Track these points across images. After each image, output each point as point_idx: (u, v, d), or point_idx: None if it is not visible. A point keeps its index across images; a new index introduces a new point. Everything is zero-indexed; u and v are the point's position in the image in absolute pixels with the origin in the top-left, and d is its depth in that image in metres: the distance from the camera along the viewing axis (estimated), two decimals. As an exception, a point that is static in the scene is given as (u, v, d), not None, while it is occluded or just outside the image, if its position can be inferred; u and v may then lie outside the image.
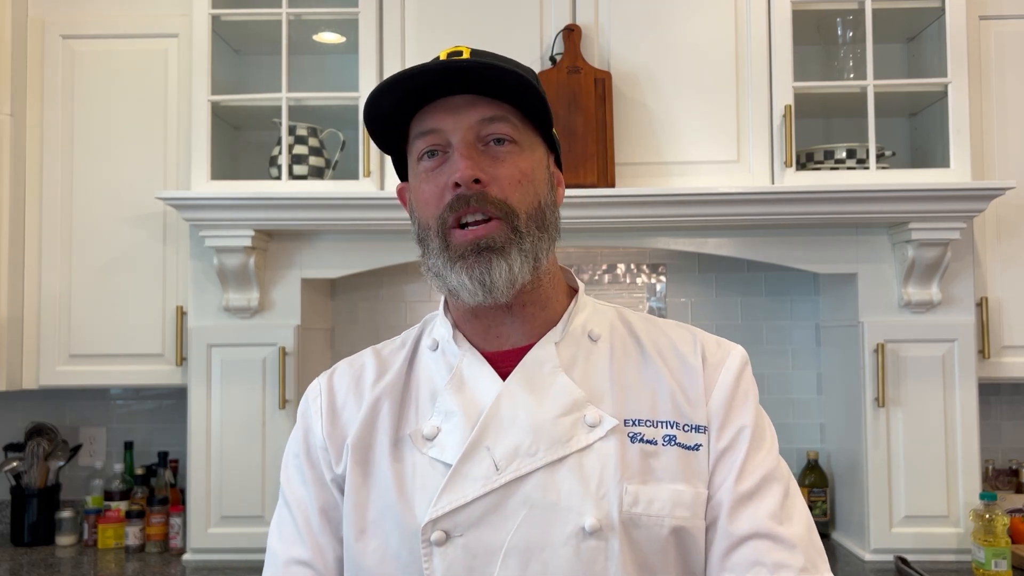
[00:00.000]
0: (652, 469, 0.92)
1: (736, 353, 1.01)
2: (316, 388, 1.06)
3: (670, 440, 0.93)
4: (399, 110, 0.96)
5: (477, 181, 0.91)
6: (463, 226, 0.92)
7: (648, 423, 0.94)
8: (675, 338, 1.02)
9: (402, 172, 1.04)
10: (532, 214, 0.94)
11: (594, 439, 0.92)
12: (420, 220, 0.97)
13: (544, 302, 0.99)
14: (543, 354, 0.96)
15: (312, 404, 1.04)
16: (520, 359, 0.97)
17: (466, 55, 0.94)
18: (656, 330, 1.03)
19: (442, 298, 1.05)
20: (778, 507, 0.92)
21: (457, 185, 0.91)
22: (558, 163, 1.04)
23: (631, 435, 0.93)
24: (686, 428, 0.94)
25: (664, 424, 0.94)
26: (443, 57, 0.95)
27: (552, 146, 1.02)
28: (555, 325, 0.99)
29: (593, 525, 0.88)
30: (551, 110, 0.99)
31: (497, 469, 0.90)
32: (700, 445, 0.94)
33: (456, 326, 1.01)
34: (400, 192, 1.06)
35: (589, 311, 1.02)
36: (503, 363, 0.97)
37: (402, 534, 0.92)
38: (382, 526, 0.94)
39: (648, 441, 0.93)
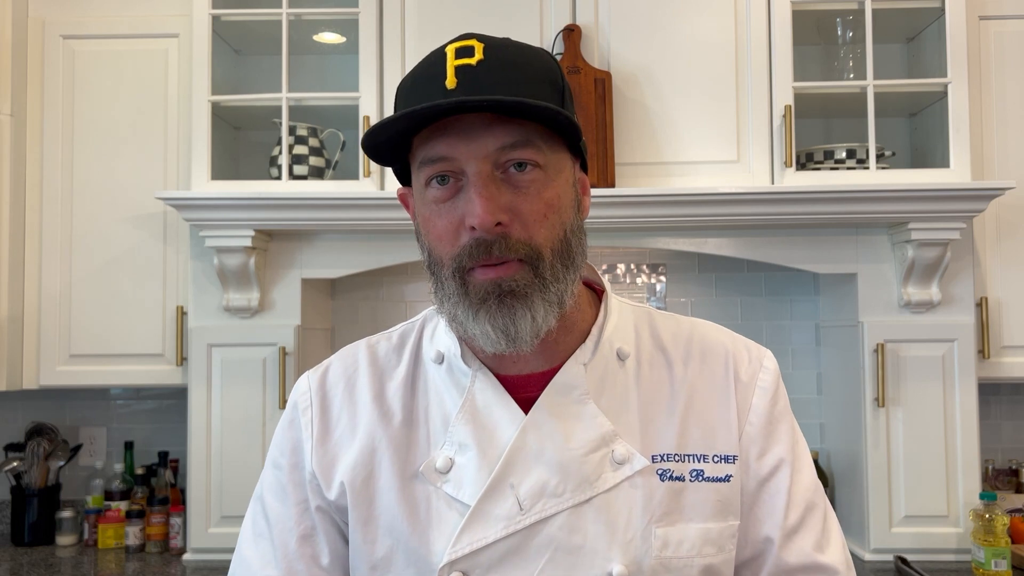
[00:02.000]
0: (681, 508, 0.88)
1: (768, 366, 0.96)
2: (306, 396, 0.97)
3: (698, 475, 0.89)
4: (403, 132, 0.85)
5: (499, 224, 0.81)
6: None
7: (676, 458, 0.89)
8: (706, 350, 0.95)
9: (404, 179, 0.94)
10: (557, 251, 0.85)
11: (621, 478, 0.87)
12: (431, 251, 0.87)
13: (569, 327, 0.91)
14: (571, 379, 0.89)
15: (302, 416, 0.96)
16: (541, 384, 0.89)
17: (478, 52, 0.82)
18: (686, 338, 0.96)
19: None
20: (820, 534, 0.92)
21: (475, 228, 0.81)
22: (583, 166, 0.94)
23: (660, 472, 0.88)
24: (715, 459, 0.90)
25: (691, 458, 0.89)
26: (451, 54, 0.83)
27: (577, 150, 0.91)
28: (580, 341, 0.91)
29: (621, 572, 0.84)
30: (579, 123, 0.87)
31: (521, 509, 0.85)
32: (731, 476, 0.90)
33: (463, 341, 0.91)
34: (402, 197, 0.96)
35: (615, 319, 0.94)
36: (521, 388, 0.90)
37: (417, 573, 0.87)
38: (395, 563, 0.89)
39: (676, 478, 0.88)
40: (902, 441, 2.28)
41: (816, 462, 2.56)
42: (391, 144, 0.87)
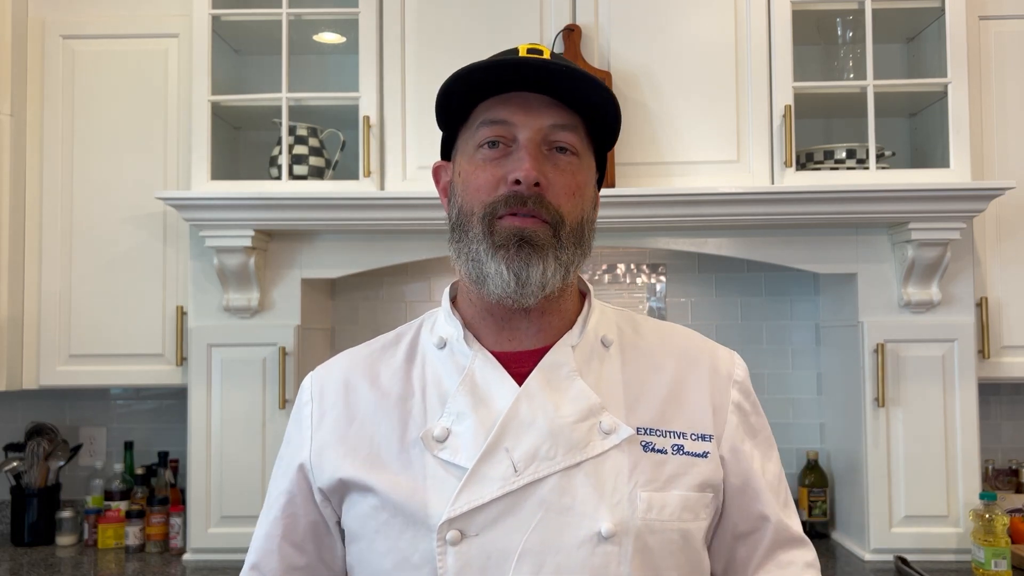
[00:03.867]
0: (663, 477, 0.95)
1: (739, 363, 1.06)
2: (308, 391, 1.05)
3: (678, 449, 0.97)
4: (472, 91, 0.96)
5: (537, 184, 0.92)
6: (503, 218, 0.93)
7: (658, 432, 0.97)
8: (682, 345, 1.05)
9: (445, 151, 1.04)
10: (575, 228, 0.95)
11: (609, 446, 0.94)
12: (463, 204, 0.96)
13: (561, 311, 1.00)
14: (560, 357, 0.97)
15: (303, 410, 1.04)
16: (533, 361, 0.97)
17: (546, 54, 0.95)
18: (662, 336, 1.06)
19: (445, 295, 1.04)
20: (792, 511, 1.05)
21: (517, 182, 0.91)
22: (599, 183, 1.05)
23: (643, 444, 0.95)
24: (693, 437, 0.98)
25: (672, 434, 0.97)
26: (522, 50, 0.95)
27: (601, 166, 1.03)
28: (568, 329, 1.00)
29: (609, 530, 0.90)
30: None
31: (516, 471, 0.91)
32: (708, 453, 0.98)
33: (466, 325, 1.00)
34: (436, 170, 1.05)
35: (598, 314, 1.03)
36: (515, 364, 0.97)
37: (416, 534, 0.92)
38: (393, 527, 0.94)
39: (658, 450, 0.96)
40: (902, 441, 2.28)
41: (816, 462, 2.56)
42: (451, 105, 0.98)
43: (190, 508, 2.36)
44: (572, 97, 0.94)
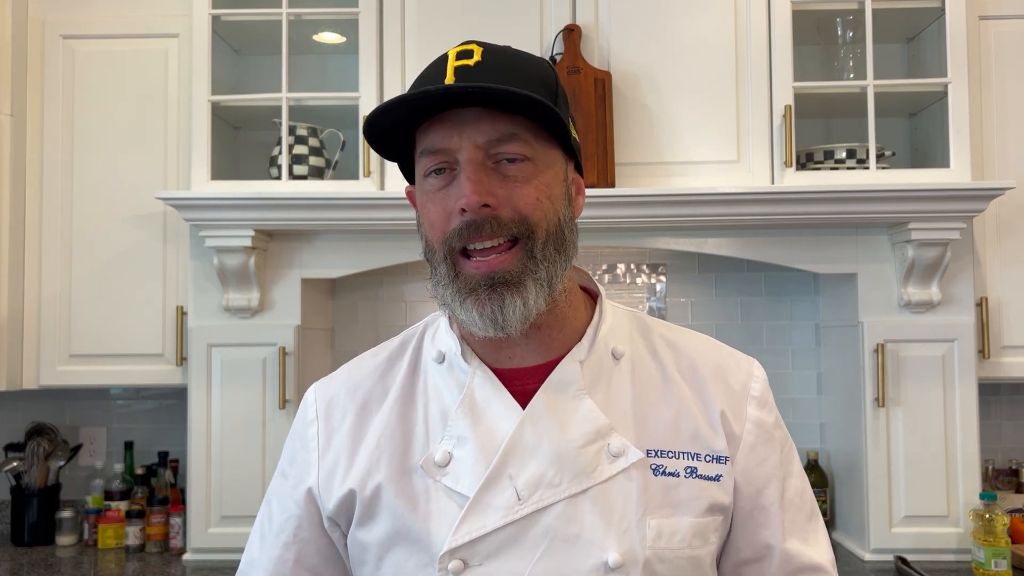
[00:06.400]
0: (673, 502, 0.90)
1: (758, 375, 1.00)
2: (312, 408, 1.01)
3: (691, 472, 0.92)
4: (403, 123, 0.90)
5: (486, 206, 0.85)
6: (469, 255, 0.87)
7: (670, 454, 0.92)
8: (696, 357, 0.99)
9: (410, 175, 0.98)
10: (551, 234, 0.89)
11: (617, 470, 0.89)
12: (427, 239, 0.93)
13: (561, 322, 0.94)
14: (568, 375, 0.92)
15: (308, 429, 1.00)
16: (536, 376, 0.93)
17: (477, 55, 0.88)
18: (676, 345, 1.00)
19: None
20: (811, 534, 0.98)
21: (464, 211, 0.86)
22: (578, 167, 0.97)
23: (653, 467, 0.91)
24: (707, 459, 0.93)
25: (685, 455, 0.92)
26: (452, 56, 0.89)
27: (570, 150, 0.94)
28: (576, 341, 0.95)
29: (616, 561, 0.86)
30: (571, 118, 0.93)
31: (519, 499, 0.87)
32: (721, 476, 0.93)
33: (464, 339, 0.96)
34: (409, 194, 1.01)
35: (610, 321, 0.98)
36: (518, 381, 0.93)
37: (418, 562, 0.89)
38: (395, 555, 0.91)
39: (670, 473, 0.91)
40: (902, 441, 2.28)
41: (816, 462, 2.57)
42: (392, 136, 0.92)
43: (190, 508, 2.36)
44: (508, 103, 0.86)
